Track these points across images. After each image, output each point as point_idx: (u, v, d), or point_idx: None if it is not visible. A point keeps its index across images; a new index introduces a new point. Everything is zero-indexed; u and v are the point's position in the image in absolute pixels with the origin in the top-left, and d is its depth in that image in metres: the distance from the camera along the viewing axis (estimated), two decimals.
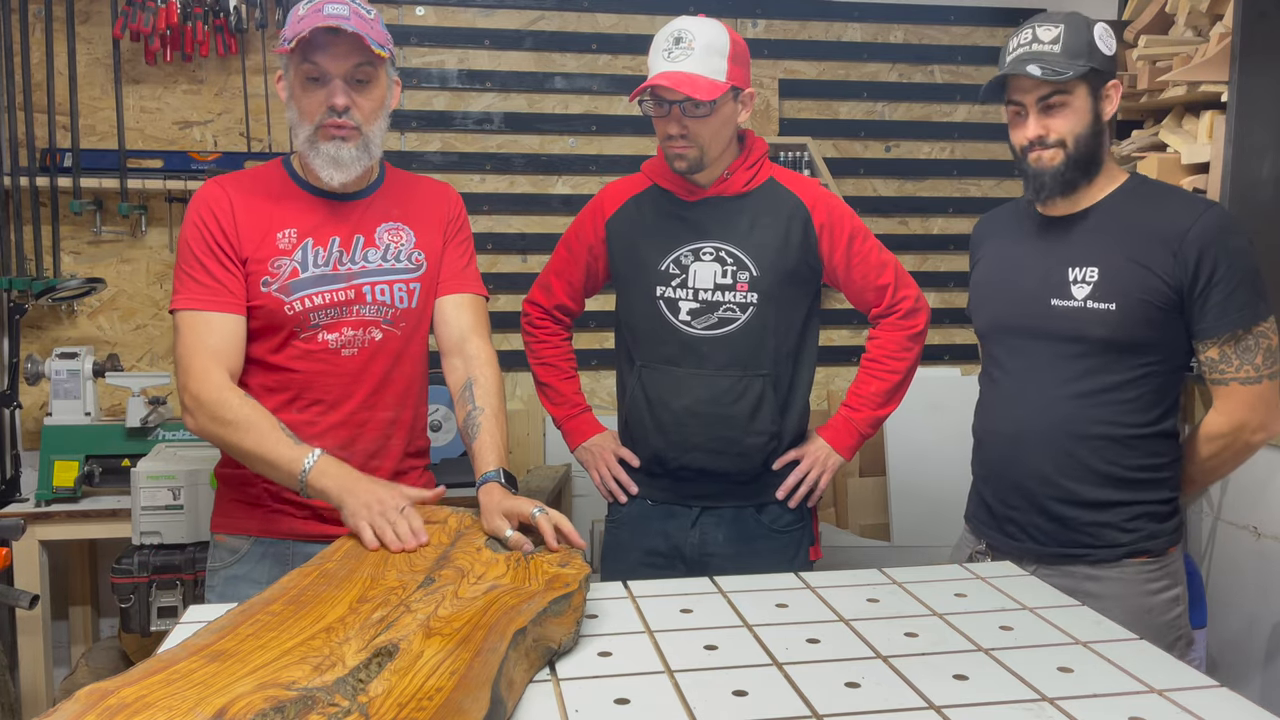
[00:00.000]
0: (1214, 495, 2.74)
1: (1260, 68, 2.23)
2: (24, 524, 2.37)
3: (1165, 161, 2.55)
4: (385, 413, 1.81)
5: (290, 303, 1.72)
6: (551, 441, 3.38)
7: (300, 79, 1.70)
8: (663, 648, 1.30)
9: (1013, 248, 1.88)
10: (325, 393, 1.76)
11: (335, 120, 1.69)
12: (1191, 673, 1.25)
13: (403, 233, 1.83)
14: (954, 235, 3.62)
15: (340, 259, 1.76)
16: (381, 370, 1.80)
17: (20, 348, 2.90)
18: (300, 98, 1.71)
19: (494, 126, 3.34)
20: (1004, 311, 1.85)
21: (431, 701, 0.99)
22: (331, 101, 1.68)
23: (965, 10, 3.56)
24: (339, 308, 1.75)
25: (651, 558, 2.07)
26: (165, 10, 2.99)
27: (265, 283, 1.72)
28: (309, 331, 1.74)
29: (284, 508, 1.78)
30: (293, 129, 1.75)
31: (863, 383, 2.12)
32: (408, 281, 1.81)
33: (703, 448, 2.01)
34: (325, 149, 1.71)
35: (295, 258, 1.73)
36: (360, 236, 1.79)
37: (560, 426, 2.21)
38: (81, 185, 3.06)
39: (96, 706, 0.94)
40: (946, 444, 3.39)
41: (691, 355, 2.00)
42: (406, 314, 1.81)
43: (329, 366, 1.76)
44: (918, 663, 1.26)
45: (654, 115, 1.95)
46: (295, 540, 1.78)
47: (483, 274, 3.49)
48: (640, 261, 2.04)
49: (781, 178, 2.05)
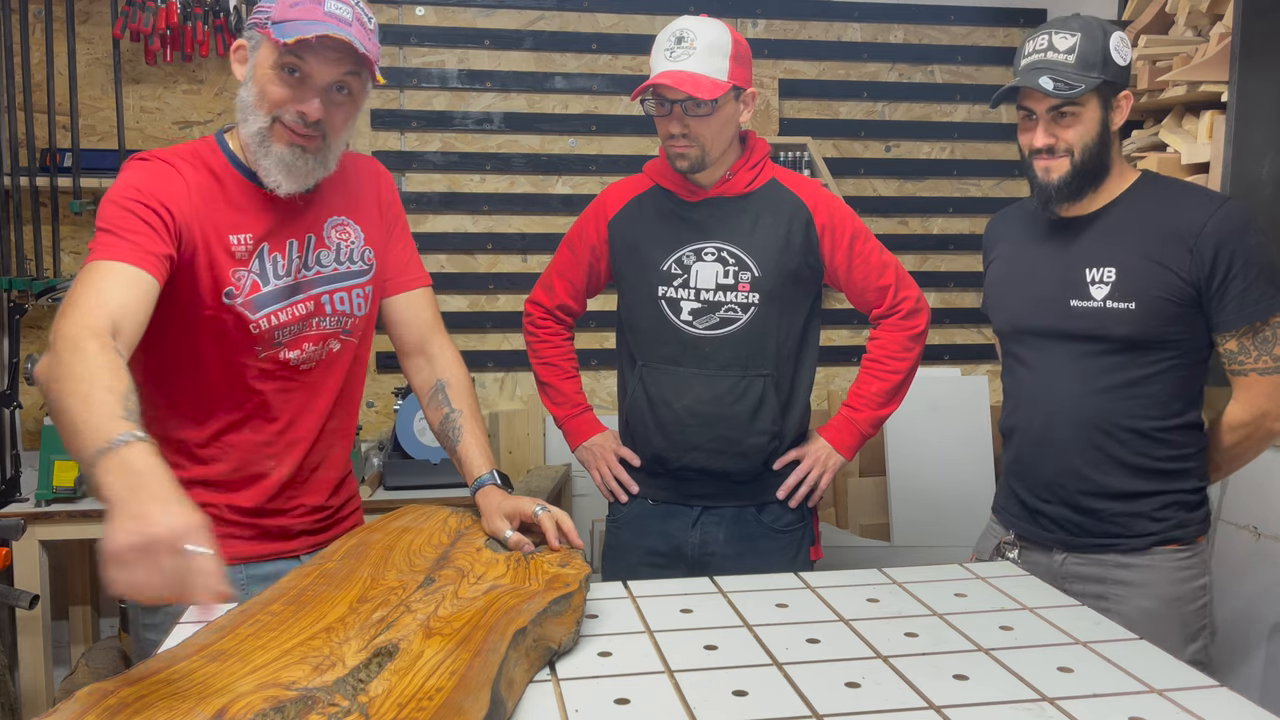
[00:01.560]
0: (1214, 495, 2.74)
1: (1260, 68, 2.23)
2: (24, 524, 2.37)
3: (1165, 161, 2.55)
4: (334, 422, 1.70)
5: (256, 320, 1.55)
6: (551, 441, 3.38)
7: (275, 64, 1.49)
8: (663, 648, 1.30)
9: (1028, 248, 1.88)
10: (281, 411, 1.62)
11: (301, 128, 1.50)
12: (1191, 673, 1.25)
13: (349, 229, 1.67)
14: (954, 235, 3.62)
15: (299, 266, 1.60)
16: (337, 382, 1.68)
17: (20, 348, 2.90)
18: (267, 82, 1.50)
19: (494, 126, 3.34)
20: (1023, 312, 1.86)
21: (431, 701, 0.99)
22: (304, 108, 1.49)
23: (965, 10, 3.56)
24: (300, 322, 1.60)
25: (652, 558, 2.07)
26: (165, 10, 2.99)
27: (229, 294, 1.53)
28: (270, 350, 1.59)
29: (230, 530, 1.61)
30: (242, 111, 1.53)
31: (864, 383, 2.12)
32: (363, 285, 1.68)
33: (704, 448, 2.01)
34: (278, 152, 1.51)
35: (253, 269, 1.55)
36: (311, 236, 1.62)
37: (561, 426, 2.22)
38: (81, 185, 3.06)
39: (96, 706, 0.94)
40: (946, 444, 3.39)
41: (693, 355, 2.00)
42: (361, 321, 1.69)
43: (290, 384, 1.62)
44: (918, 663, 1.26)
45: (656, 114, 1.95)
46: (246, 564, 1.62)
47: (483, 274, 3.51)
48: (642, 261, 2.04)
49: (783, 178, 2.05)
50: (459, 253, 3.35)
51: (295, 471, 1.64)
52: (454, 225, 3.34)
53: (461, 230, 3.35)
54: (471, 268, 3.36)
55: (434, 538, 1.51)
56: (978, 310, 3.66)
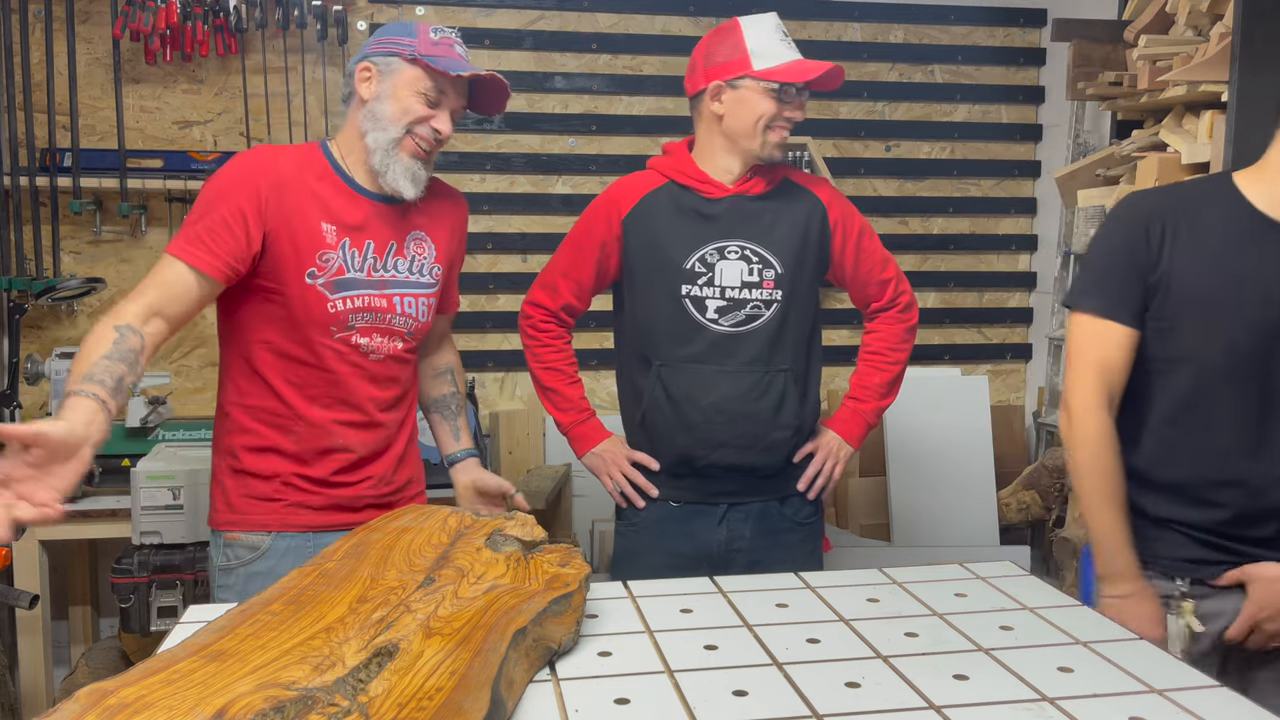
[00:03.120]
0: None
1: (1260, 68, 2.23)
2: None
3: (1165, 161, 2.55)
4: (396, 414, 1.89)
5: (334, 300, 1.75)
6: (551, 441, 3.38)
7: (414, 89, 1.74)
8: (663, 648, 1.30)
9: (1238, 258, 1.60)
10: (349, 393, 1.80)
11: (430, 140, 1.77)
12: (1191, 673, 1.25)
13: (426, 245, 1.88)
14: (954, 235, 3.62)
15: (374, 265, 1.79)
16: (396, 375, 1.86)
17: (20, 348, 2.90)
18: (404, 100, 1.74)
19: (494, 126, 3.34)
20: (1252, 338, 1.60)
21: (431, 701, 0.99)
22: (440, 127, 1.77)
23: (965, 10, 3.56)
24: (374, 314, 1.80)
25: (676, 560, 2.06)
26: (165, 10, 2.99)
27: (311, 274, 1.73)
28: (344, 332, 1.77)
29: (303, 498, 1.80)
30: (374, 121, 1.75)
31: (866, 374, 2.19)
32: (429, 297, 1.88)
33: (731, 444, 2.03)
34: (405, 162, 1.76)
35: (338, 256, 1.75)
36: (393, 244, 1.82)
37: (566, 433, 2.19)
38: (81, 185, 3.06)
39: (96, 706, 0.94)
40: (946, 444, 3.39)
41: (717, 352, 2.03)
42: (423, 328, 1.90)
43: (356, 369, 1.80)
44: (918, 663, 1.26)
45: (778, 100, 1.97)
46: (316, 532, 1.80)
47: (483, 274, 3.51)
48: (663, 259, 2.04)
49: (795, 176, 2.11)
50: None
51: (364, 451, 1.84)
52: None
53: None
54: (471, 268, 3.35)
55: (434, 537, 1.51)
56: (978, 310, 3.68)
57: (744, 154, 2.02)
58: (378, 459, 1.86)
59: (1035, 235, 3.67)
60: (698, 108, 2.06)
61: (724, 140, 2.02)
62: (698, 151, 2.08)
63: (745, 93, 1.97)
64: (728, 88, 1.98)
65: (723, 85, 1.98)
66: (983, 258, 3.68)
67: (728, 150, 2.03)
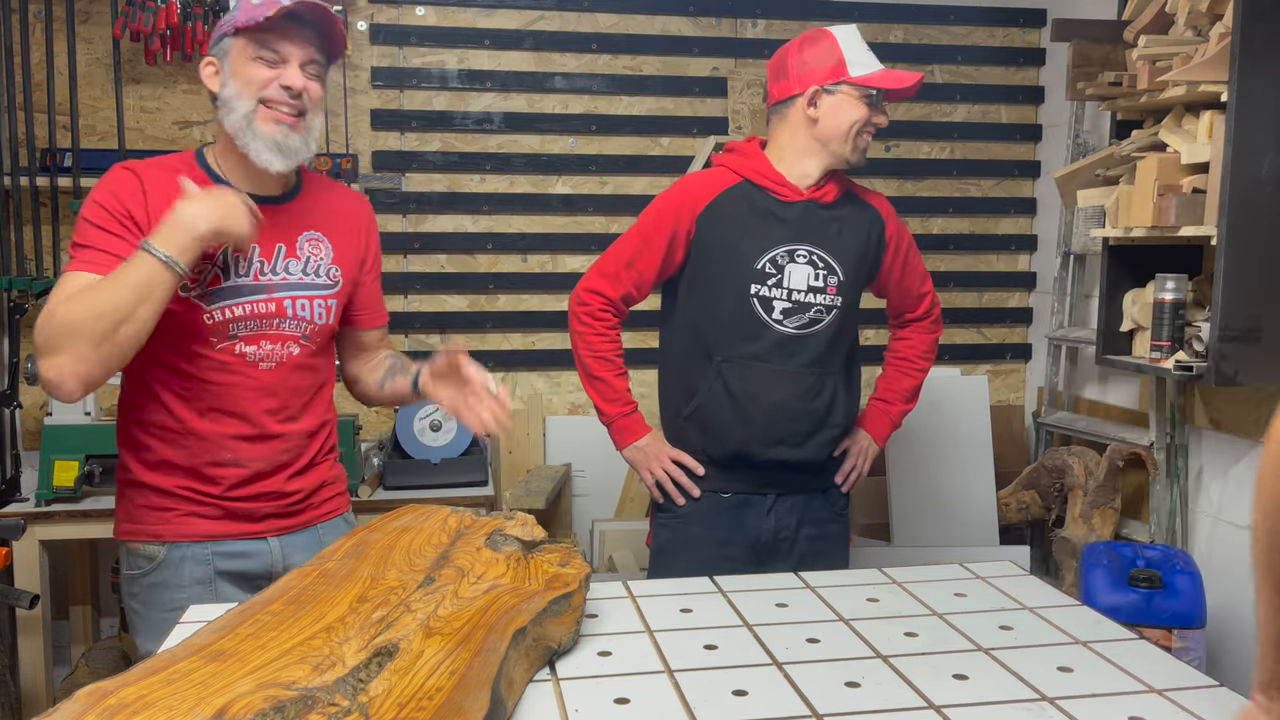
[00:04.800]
0: (1214, 495, 2.74)
1: (1260, 68, 2.23)
2: (24, 524, 2.37)
3: (1165, 161, 2.55)
4: (300, 425, 1.80)
5: (210, 311, 1.67)
6: (551, 441, 3.37)
7: (247, 57, 1.64)
8: (663, 647, 1.30)
9: None
10: (237, 405, 1.72)
11: (285, 99, 1.64)
12: (1191, 673, 1.25)
13: (322, 245, 1.79)
14: (954, 235, 3.62)
15: (261, 269, 1.71)
16: (296, 384, 1.78)
17: (20, 348, 2.90)
18: (244, 72, 1.64)
19: (494, 126, 3.34)
20: None
21: (431, 701, 0.99)
22: (290, 82, 1.63)
23: (965, 10, 3.56)
24: (259, 320, 1.71)
25: (726, 549, 2.14)
26: (165, 10, 2.99)
27: (184, 288, 1.63)
28: (225, 342, 1.69)
29: (197, 509, 1.73)
30: (225, 107, 1.65)
31: (894, 379, 2.34)
32: (325, 298, 1.79)
33: (787, 441, 2.12)
34: (266, 133, 1.64)
35: (215, 263, 1.66)
36: (282, 246, 1.74)
37: (609, 424, 2.21)
38: (81, 185, 3.05)
39: (96, 706, 0.94)
40: (946, 444, 3.39)
41: (780, 352, 2.10)
42: (322, 330, 1.80)
43: (244, 379, 1.72)
44: (918, 663, 1.26)
45: (869, 107, 2.07)
46: (214, 541, 1.74)
47: (483, 274, 3.51)
48: (735, 258, 2.09)
49: (854, 188, 2.21)
50: (459, 253, 3.35)
51: (260, 465, 1.75)
52: (454, 225, 3.34)
53: (461, 230, 3.34)
54: (471, 268, 3.36)
55: (434, 537, 1.51)
56: (978, 310, 3.68)
57: (833, 157, 2.10)
58: (279, 472, 1.77)
59: (1035, 235, 3.67)
60: (784, 111, 2.12)
61: (813, 144, 2.09)
62: (774, 154, 2.14)
63: (842, 98, 2.06)
64: (825, 93, 2.06)
65: (820, 90, 2.06)
66: (982, 258, 3.68)
67: (814, 154, 2.10)
